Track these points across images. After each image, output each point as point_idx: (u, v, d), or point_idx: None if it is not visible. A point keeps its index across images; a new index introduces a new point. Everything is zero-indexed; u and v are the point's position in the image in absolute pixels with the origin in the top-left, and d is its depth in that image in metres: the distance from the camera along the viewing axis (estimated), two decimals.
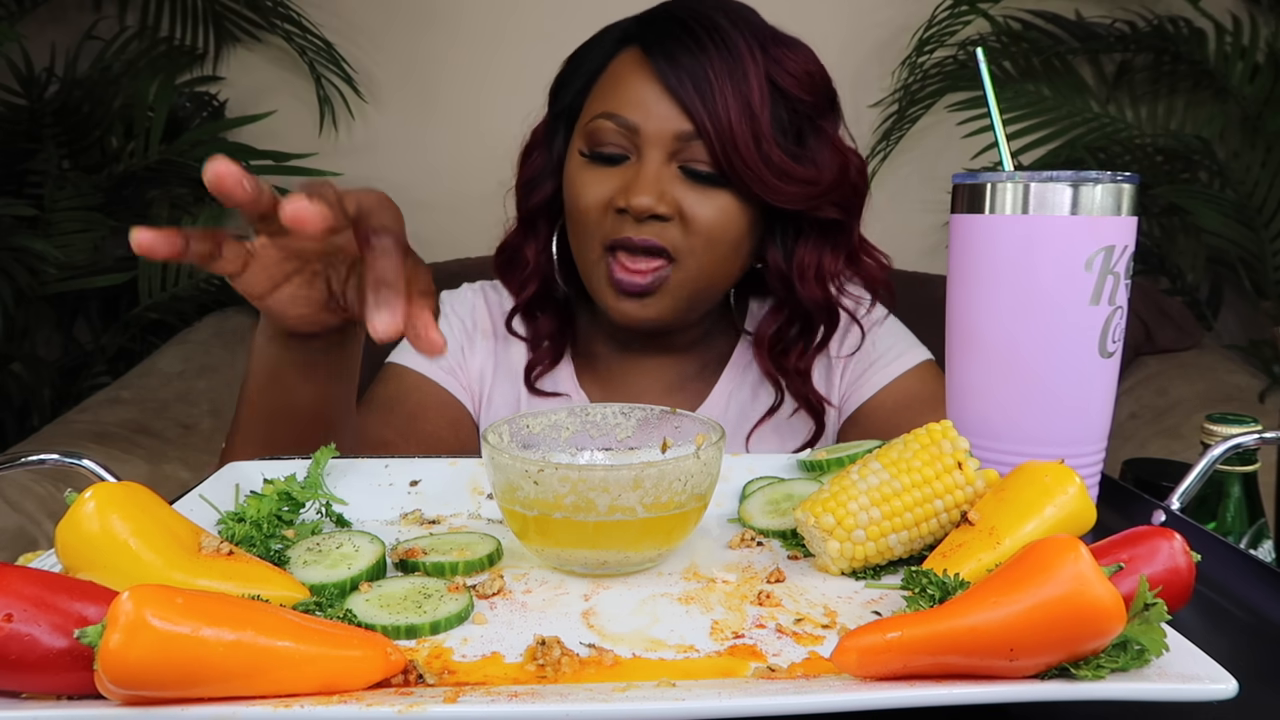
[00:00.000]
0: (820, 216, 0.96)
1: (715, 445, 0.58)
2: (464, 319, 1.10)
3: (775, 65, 0.92)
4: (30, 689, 0.39)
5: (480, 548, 0.58)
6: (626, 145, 0.93)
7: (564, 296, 1.07)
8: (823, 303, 1.00)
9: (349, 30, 2.25)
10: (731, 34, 0.91)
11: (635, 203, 0.90)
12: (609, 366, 1.09)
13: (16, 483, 1.42)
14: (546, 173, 1.03)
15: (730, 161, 0.90)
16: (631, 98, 0.93)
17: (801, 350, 1.02)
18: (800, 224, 0.98)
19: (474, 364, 1.09)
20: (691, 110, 0.90)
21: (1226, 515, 0.82)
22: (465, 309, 1.11)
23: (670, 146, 0.92)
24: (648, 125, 0.92)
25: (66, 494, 0.49)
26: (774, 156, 0.90)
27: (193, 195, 2.28)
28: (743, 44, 0.90)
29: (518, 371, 1.09)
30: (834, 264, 0.99)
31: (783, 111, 0.92)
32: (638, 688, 0.42)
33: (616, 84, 0.95)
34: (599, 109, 0.95)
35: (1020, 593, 0.40)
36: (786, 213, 0.96)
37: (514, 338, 1.09)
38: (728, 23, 0.92)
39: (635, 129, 0.92)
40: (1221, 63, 2.17)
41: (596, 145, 0.94)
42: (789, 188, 0.92)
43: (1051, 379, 0.62)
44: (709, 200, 0.92)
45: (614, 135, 0.93)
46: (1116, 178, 0.60)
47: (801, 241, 0.98)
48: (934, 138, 2.23)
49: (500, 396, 1.08)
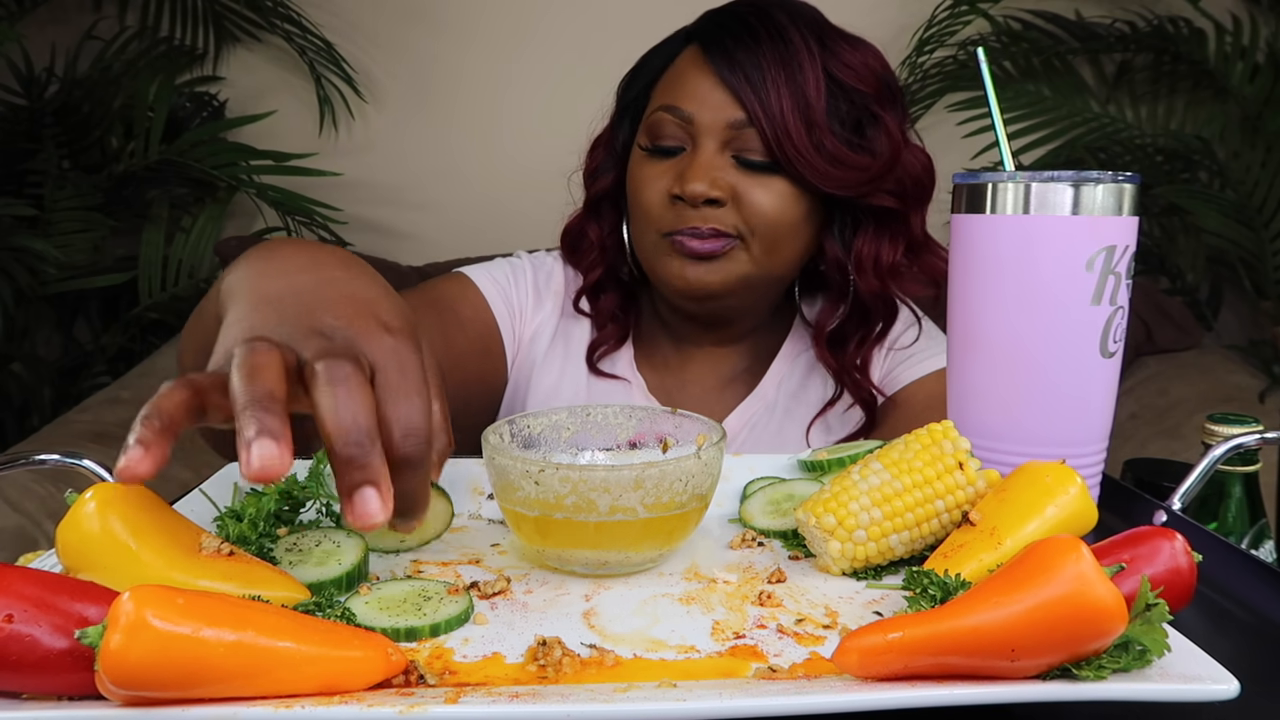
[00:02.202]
0: (875, 205, 0.97)
1: (716, 445, 0.58)
2: (540, 275, 1.12)
3: (833, 58, 0.94)
4: (31, 689, 0.39)
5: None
6: (683, 137, 0.96)
7: (630, 282, 1.10)
8: (880, 294, 1.01)
9: (349, 30, 2.25)
10: (788, 29, 0.93)
11: (689, 189, 0.93)
12: (666, 357, 1.11)
13: (16, 483, 1.42)
14: (609, 165, 1.06)
15: (782, 148, 0.92)
16: (688, 90, 0.96)
17: (859, 342, 1.04)
18: (859, 215, 0.99)
19: (536, 319, 1.10)
20: (743, 98, 0.92)
21: (1228, 515, 0.81)
22: (544, 268, 1.13)
23: (724, 135, 0.94)
24: (702, 115, 0.94)
25: (67, 494, 0.48)
26: (827, 144, 0.92)
27: (192, 195, 2.28)
28: (798, 37, 0.93)
29: (576, 347, 1.10)
30: (892, 255, 1.00)
31: (841, 103, 0.94)
32: (639, 688, 0.42)
33: (676, 79, 0.98)
34: (659, 103, 0.99)
35: (1022, 593, 0.40)
36: (845, 203, 0.97)
37: (580, 315, 1.11)
38: (785, 18, 0.95)
39: (690, 119, 0.95)
40: (1221, 63, 2.17)
41: (656, 138, 0.98)
42: (840, 173, 0.93)
43: (1053, 379, 0.62)
44: (763, 186, 0.94)
45: (672, 127, 0.96)
46: (1117, 178, 0.60)
47: (860, 232, 0.99)
48: (934, 138, 2.20)
49: (554, 364, 1.09)
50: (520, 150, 2.27)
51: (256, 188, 2.16)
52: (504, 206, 2.28)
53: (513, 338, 1.08)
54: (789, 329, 1.11)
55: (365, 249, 2.22)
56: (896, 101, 0.99)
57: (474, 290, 1.07)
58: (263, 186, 2.16)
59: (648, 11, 1.12)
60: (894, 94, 0.99)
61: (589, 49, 2.25)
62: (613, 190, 1.06)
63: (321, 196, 2.17)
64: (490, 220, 2.30)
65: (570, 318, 1.11)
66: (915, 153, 1.00)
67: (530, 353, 1.09)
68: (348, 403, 0.44)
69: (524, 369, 1.09)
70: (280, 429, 0.41)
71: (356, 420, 0.43)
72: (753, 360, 1.10)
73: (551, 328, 1.10)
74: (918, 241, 1.01)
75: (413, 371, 0.50)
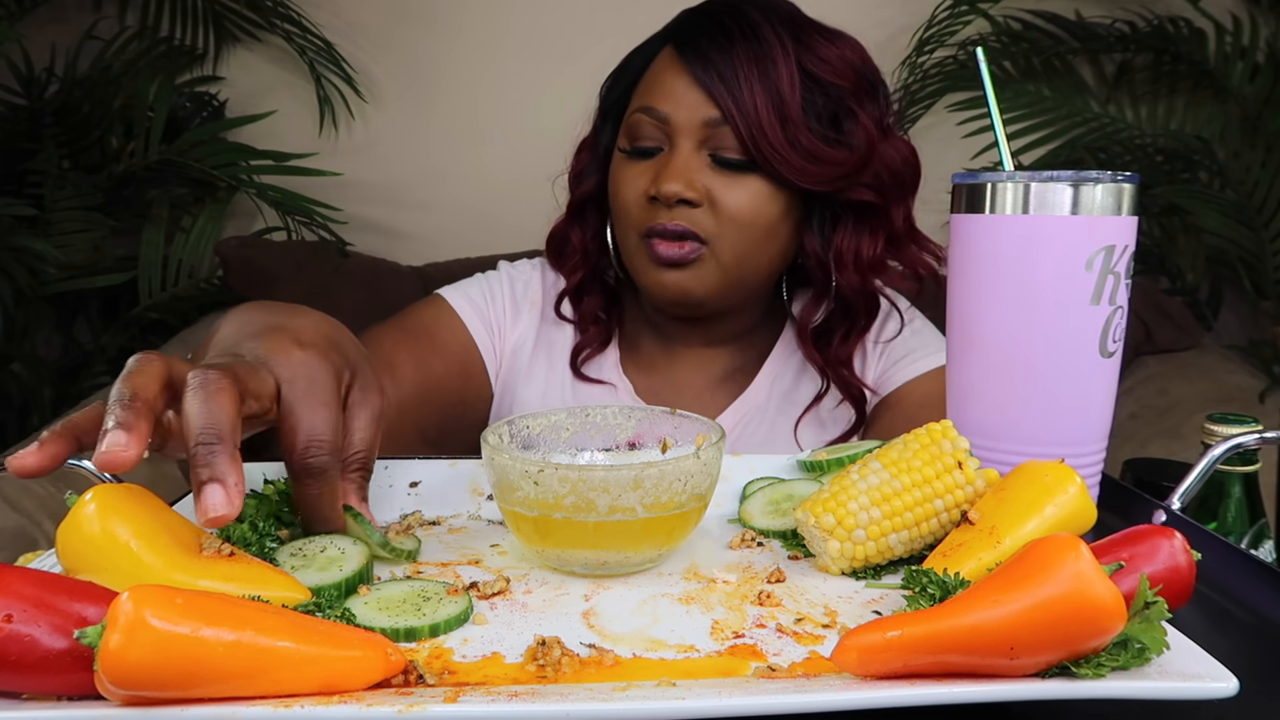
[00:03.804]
0: (853, 199, 0.97)
1: (715, 446, 0.58)
2: (516, 287, 1.12)
3: (808, 53, 0.94)
4: (30, 689, 0.39)
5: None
6: (660, 137, 0.97)
7: (613, 285, 1.10)
8: (861, 289, 1.01)
9: (349, 30, 2.25)
10: (761, 25, 0.94)
11: (664, 189, 0.93)
12: (653, 359, 1.10)
13: (16, 483, 1.42)
14: (593, 167, 1.07)
15: (757, 145, 0.92)
16: (664, 90, 0.96)
17: (843, 337, 1.04)
18: (838, 210, 0.99)
19: (515, 333, 1.10)
20: (717, 97, 0.92)
21: (1227, 515, 0.81)
22: (520, 279, 1.13)
23: (699, 134, 0.94)
24: (677, 115, 0.95)
25: (67, 495, 0.48)
26: (803, 140, 0.92)
27: (192, 195, 2.28)
28: (771, 34, 0.93)
29: (559, 354, 1.10)
30: (872, 249, 0.99)
31: (817, 98, 0.94)
32: (638, 688, 0.42)
33: (653, 80, 0.99)
34: (637, 104, 0.99)
35: (1021, 591, 0.40)
36: (824, 198, 0.97)
37: (562, 321, 1.11)
38: (759, 15, 0.95)
39: (666, 119, 0.95)
40: (1221, 63, 2.17)
41: (634, 140, 0.98)
42: (817, 169, 0.93)
43: (1052, 379, 0.62)
44: (739, 186, 0.94)
45: (649, 128, 0.97)
46: (1117, 178, 0.60)
47: (840, 227, 0.99)
48: (934, 138, 2.22)
49: (538, 373, 1.09)
50: (521, 150, 2.27)
51: (256, 188, 2.16)
52: (504, 206, 2.27)
53: (494, 356, 1.08)
54: (781, 329, 1.11)
55: (365, 249, 2.22)
56: (876, 94, 0.99)
57: (450, 313, 1.07)
58: (263, 186, 2.16)
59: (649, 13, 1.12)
60: (873, 87, 0.99)
61: (590, 50, 2.24)
62: (596, 193, 1.06)
63: (321, 196, 2.17)
64: (490, 220, 2.30)
65: (551, 324, 1.11)
66: (896, 144, 0.99)
67: (513, 366, 1.09)
68: (203, 405, 0.47)
69: (509, 384, 1.09)
70: (132, 422, 0.46)
71: (206, 420, 0.47)
72: (744, 360, 1.10)
73: (532, 337, 1.10)
74: (899, 235, 1.01)
75: (320, 383, 0.53)
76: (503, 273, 1.13)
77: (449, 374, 1.04)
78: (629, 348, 1.11)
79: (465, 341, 1.06)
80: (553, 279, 1.13)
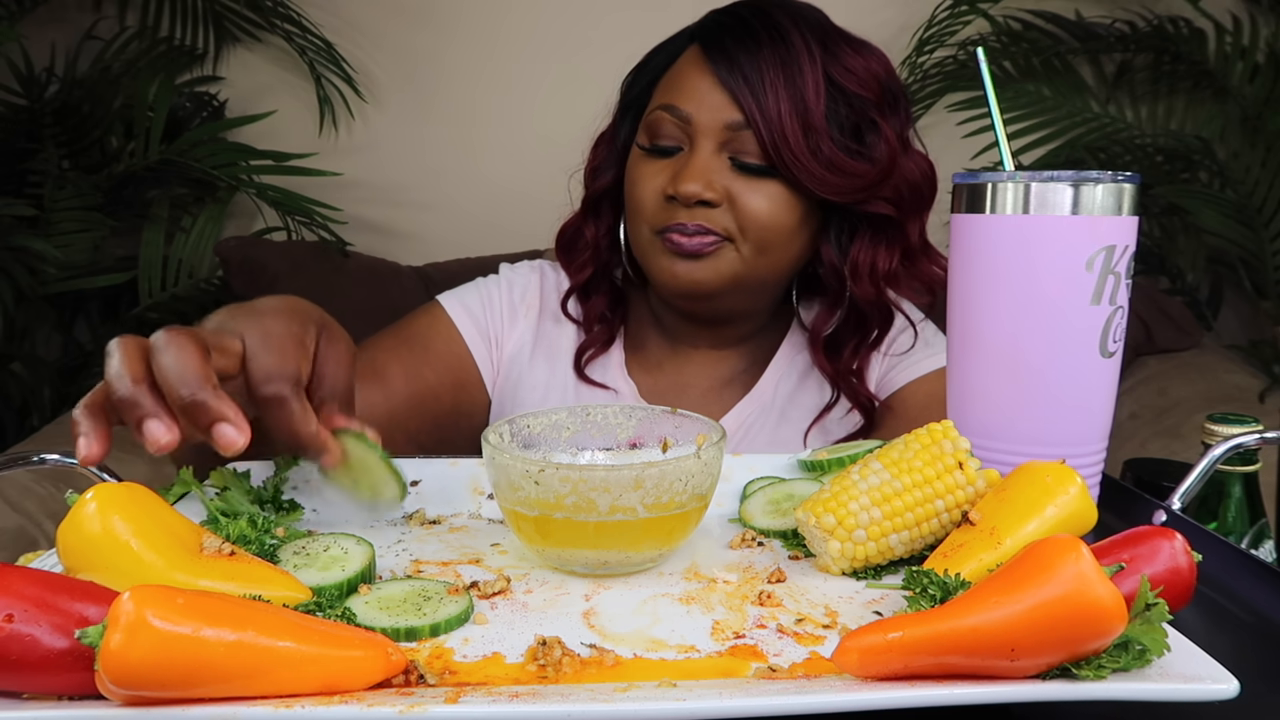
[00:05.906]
0: (872, 212, 0.97)
1: (716, 445, 0.58)
2: (514, 292, 1.11)
3: (834, 62, 0.93)
4: (31, 689, 0.39)
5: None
6: (681, 136, 0.96)
7: (620, 284, 1.09)
8: (876, 300, 1.01)
9: (349, 30, 2.25)
10: (789, 30, 0.93)
11: (683, 189, 0.92)
12: (659, 359, 1.10)
13: (17, 483, 1.42)
14: (610, 163, 1.06)
15: (779, 151, 0.91)
16: (687, 90, 0.96)
17: (854, 348, 1.03)
18: (856, 221, 0.99)
19: (512, 339, 1.09)
20: (741, 100, 0.92)
21: (1227, 515, 0.82)
22: (519, 283, 1.12)
23: (721, 136, 0.94)
24: (700, 115, 0.94)
25: (67, 495, 0.48)
26: (824, 149, 0.92)
27: (192, 195, 2.28)
28: (799, 40, 0.93)
29: (562, 354, 1.09)
30: (888, 263, 0.99)
31: (841, 107, 0.94)
32: (639, 688, 0.42)
33: (676, 78, 0.98)
34: (658, 102, 0.98)
35: (1021, 593, 0.40)
36: (842, 209, 0.97)
37: (565, 320, 1.10)
38: (787, 20, 0.94)
39: (688, 119, 0.95)
40: (1221, 63, 2.17)
41: (654, 137, 0.97)
42: (837, 179, 0.93)
43: (1052, 379, 0.62)
44: (758, 190, 0.94)
45: (670, 127, 0.96)
46: (1117, 178, 0.60)
47: (857, 239, 0.99)
48: (934, 138, 2.20)
49: (539, 375, 1.08)
50: (521, 150, 2.28)
51: (256, 188, 2.16)
52: (504, 206, 2.28)
53: (490, 365, 1.08)
54: (786, 331, 1.11)
55: (365, 249, 2.22)
56: (899, 107, 0.99)
57: (446, 322, 1.06)
58: (263, 186, 2.16)
59: (649, 12, 1.12)
60: (896, 99, 0.99)
61: (590, 50, 2.25)
62: (612, 188, 1.06)
63: (321, 196, 2.17)
64: (490, 220, 2.30)
65: (551, 322, 1.10)
66: (916, 159, 0.99)
67: (511, 373, 1.08)
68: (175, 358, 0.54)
69: (507, 389, 1.09)
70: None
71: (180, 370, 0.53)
72: (750, 362, 1.10)
73: (530, 340, 1.09)
74: (914, 249, 1.01)
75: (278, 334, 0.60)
76: (501, 277, 1.13)
77: (441, 384, 1.03)
78: (634, 348, 1.11)
79: (460, 352, 1.06)
80: (553, 281, 1.13)
